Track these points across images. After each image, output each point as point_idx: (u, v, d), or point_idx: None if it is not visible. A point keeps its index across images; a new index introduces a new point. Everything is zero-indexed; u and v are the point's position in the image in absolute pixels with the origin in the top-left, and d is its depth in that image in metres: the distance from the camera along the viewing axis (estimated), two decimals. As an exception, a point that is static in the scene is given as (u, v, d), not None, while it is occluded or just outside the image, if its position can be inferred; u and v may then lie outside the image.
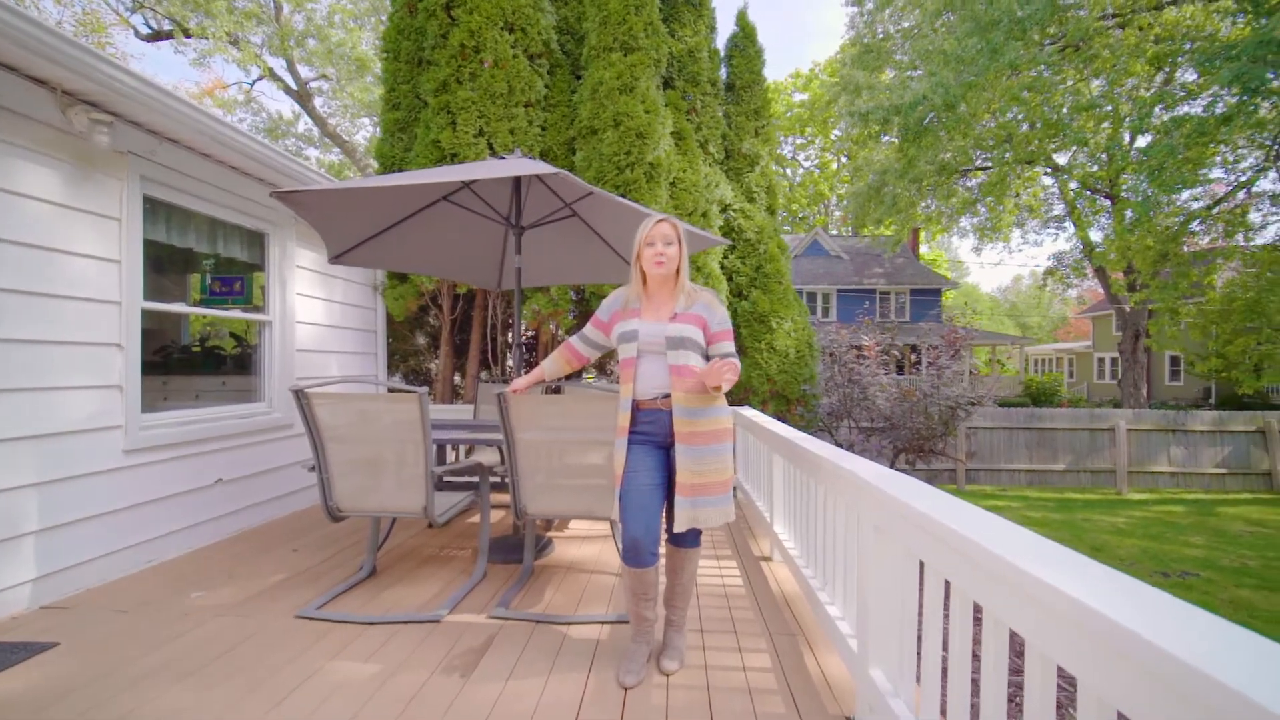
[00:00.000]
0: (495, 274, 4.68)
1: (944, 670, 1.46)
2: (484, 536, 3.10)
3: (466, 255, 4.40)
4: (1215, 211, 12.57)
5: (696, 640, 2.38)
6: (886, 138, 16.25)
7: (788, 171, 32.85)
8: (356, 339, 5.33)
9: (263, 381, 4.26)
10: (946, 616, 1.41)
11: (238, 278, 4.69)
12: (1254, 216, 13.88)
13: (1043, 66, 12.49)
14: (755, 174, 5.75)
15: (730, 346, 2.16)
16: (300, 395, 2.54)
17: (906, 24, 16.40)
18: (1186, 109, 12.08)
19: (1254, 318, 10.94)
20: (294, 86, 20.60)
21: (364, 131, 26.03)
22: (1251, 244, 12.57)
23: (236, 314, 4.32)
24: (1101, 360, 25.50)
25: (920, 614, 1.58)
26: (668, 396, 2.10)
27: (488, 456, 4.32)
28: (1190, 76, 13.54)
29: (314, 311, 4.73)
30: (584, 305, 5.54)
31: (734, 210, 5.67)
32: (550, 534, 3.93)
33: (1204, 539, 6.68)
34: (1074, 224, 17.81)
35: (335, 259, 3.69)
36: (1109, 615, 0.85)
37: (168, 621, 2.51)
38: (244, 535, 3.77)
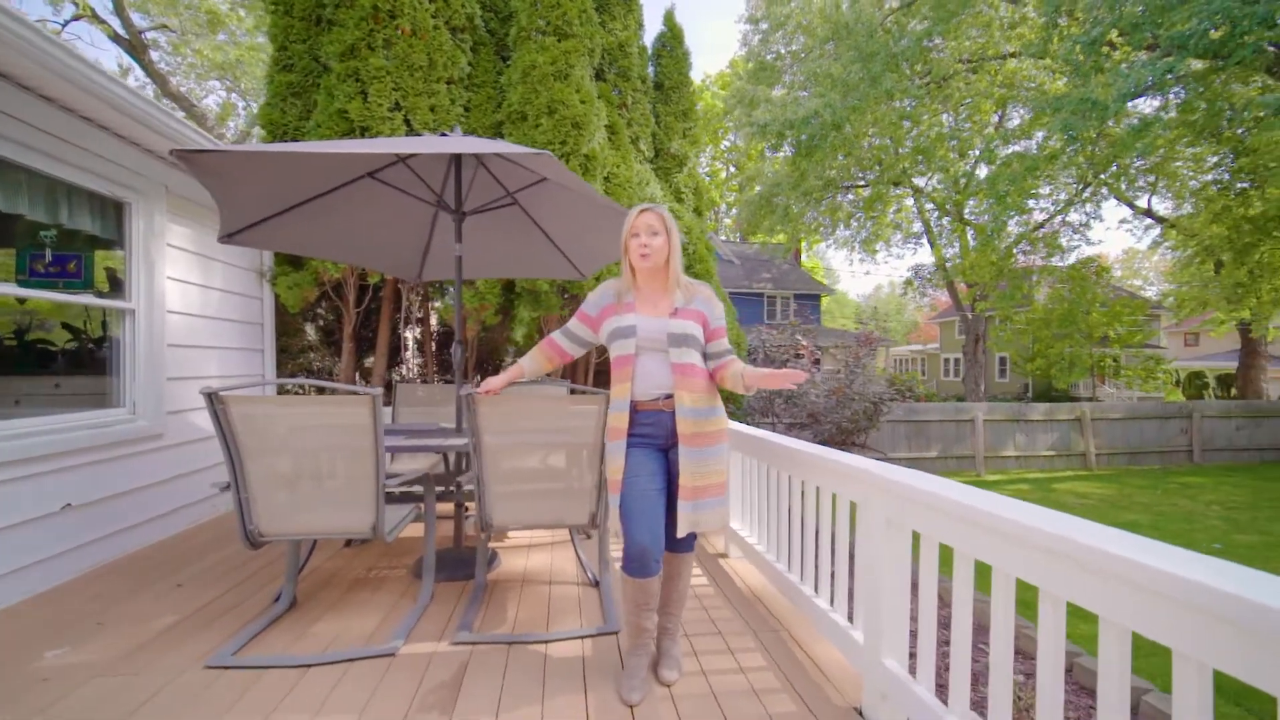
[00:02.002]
0: (417, 263, 4.25)
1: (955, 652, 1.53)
2: (429, 554, 2.78)
3: (387, 241, 3.94)
4: (1039, 235, 14.97)
5: (685, 645, 2.31)
6: (774, 152, 17.36)
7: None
8: (239, 333, 4.58)
9: (122, 383, 3.50)
10: (981, 601, 1.46)
11: (73, 256, 3.80)
12: (1063, 241, 16.78)
13: (909, 100, 14.09)
14: (683, 175, 5.80)
15: (727, 343, 2.12)
16: (213, 399, 2.09)
17: (795, 46, 17.63)
18: (1019, 147, 14.28)
19: (1067, 326, 13.28)
20: (123, 34, 17.38)
21: (215, 95, 22.70)
22: (1066, 263, 15.15)
23: (91, 300, 3.50)
24: (948, 360, 29.35)
25: (947, 596, 1.64)
26: (669, 397, 2.01)
27: (412, 464, 3.91)
28: (1015, 121, 16.02)
29: (189, 300, 3.98)
30: (511, 300, 5.23)
31: (664, 209, 5.67)
32: (491, 545, 3.64)
33: (1050, 511, 7.91)
34: (930, 241, 20.26)
35: (228, 238, 3.11)
36: (1207, 582, 0.93)
37: (17, 691, 1.94)
38: (107, 571, 3.06)
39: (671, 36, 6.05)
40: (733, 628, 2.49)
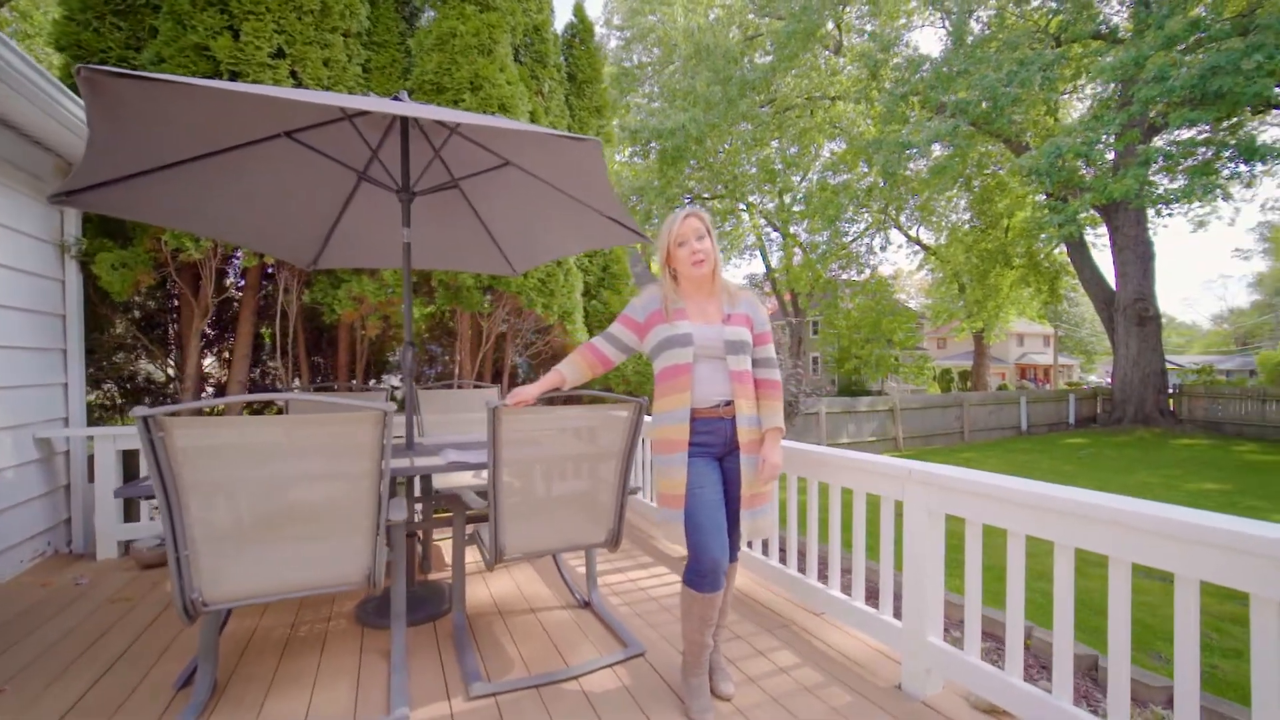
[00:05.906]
0: (315, 248, 3.57)
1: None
2: (400, 597, 2.34)
3: (283, 219, 3.24)
4: (849, 252, 17.66)
5: (716, 656, 2.28)
6: (628, 158, 17.95)
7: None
8: (31, 327, 3.36)
9: None
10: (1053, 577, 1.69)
11: None
12: (864, 260, 20.01)
13: (750, 124, 15.62)
14: (596, 172, 5.66)
15: (771, 350, 2.12)
16: (150, 424, 1.51)
17: (651, 58, 18.34)
18: (836, 179, 16.68)
19: (874, 331, 15.97)
20: None
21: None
22: (868, 279, 18.13)
23: None
24: (771, 359, 33.05)
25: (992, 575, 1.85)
26: (729, 404, 1.96)
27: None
28: (825, 155, 18.72)
29: (-38, 279, 2.82)
30: (427, 294, 4.65)
31: (578, 206, 5.49)
32: (435, 577, 3.21)
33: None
34: (761, 253, 22.63)
35: (66, 197, 2.30)
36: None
37: None
38: None
39: (583, 29, 5.88)
40: (746, 629, 2.51)
